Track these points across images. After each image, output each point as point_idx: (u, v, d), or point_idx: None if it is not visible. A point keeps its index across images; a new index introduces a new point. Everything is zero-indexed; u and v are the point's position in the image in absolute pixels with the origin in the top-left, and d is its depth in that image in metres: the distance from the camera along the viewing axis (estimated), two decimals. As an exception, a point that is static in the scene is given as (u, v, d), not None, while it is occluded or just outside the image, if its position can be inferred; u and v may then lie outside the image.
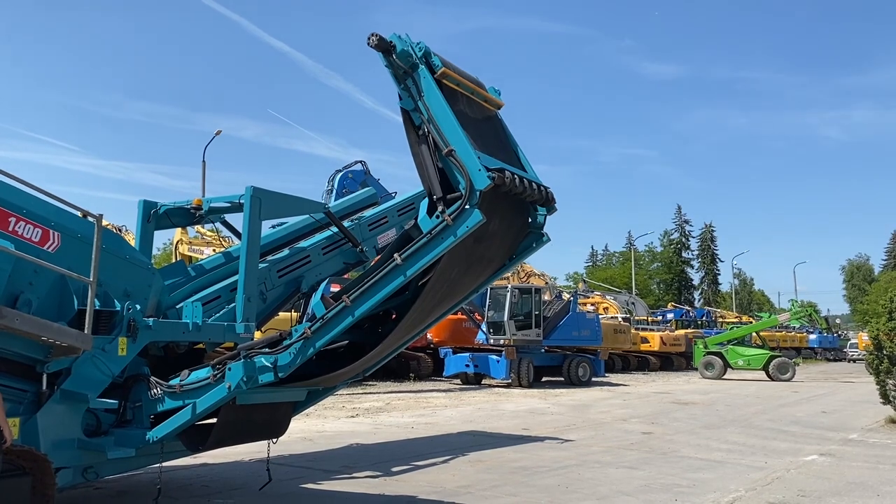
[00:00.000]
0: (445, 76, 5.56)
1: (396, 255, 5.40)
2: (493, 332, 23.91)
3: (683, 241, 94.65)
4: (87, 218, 5.27)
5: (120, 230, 20.74)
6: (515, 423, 13.34)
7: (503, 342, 23.51)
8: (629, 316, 41.37)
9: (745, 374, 30.66)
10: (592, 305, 39.56)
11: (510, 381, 23.17)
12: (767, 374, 28.95)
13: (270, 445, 6.80)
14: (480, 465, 8.64)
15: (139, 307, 5.49)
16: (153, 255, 8.75)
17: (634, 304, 48.67)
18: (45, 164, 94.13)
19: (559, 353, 25.62)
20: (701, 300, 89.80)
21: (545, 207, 6.35)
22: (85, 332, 4.85)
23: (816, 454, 9.72)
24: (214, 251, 15.05)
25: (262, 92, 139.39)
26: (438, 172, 5.48)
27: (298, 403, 6.71)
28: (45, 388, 5.01)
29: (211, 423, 5.75)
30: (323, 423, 12.76)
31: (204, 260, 7.25)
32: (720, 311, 66.78)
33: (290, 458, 8.76)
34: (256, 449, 8.01)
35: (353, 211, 8.01)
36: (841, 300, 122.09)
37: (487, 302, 24.12)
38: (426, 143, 5.49)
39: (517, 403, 17.61)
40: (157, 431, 5.51)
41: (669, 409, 16.39)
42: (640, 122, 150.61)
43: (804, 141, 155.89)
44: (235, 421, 5.84)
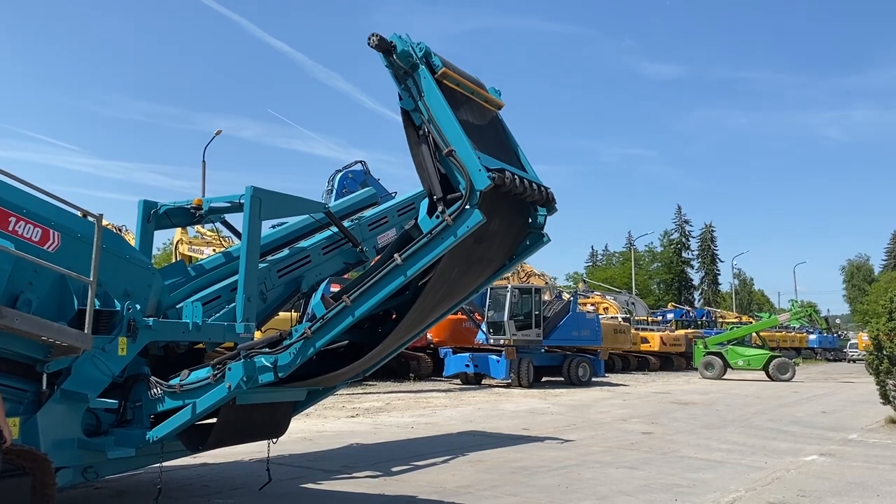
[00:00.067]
0: (446, 76, 5.56)
1: (397, 255, 5.40)
2: (493, 332, 23.90)
3: (683, 241, 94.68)
4: (87, 218, 5.28)
5: (120, 230, 20.74)
6: (515, 423, 13.34)
7: (503, 342, 23.50)
8: (629, 316, 41.38)
9: (744, 374, 30.66)
10: (592, 305, 39.57)
11: (510, 381, 23.17)
12: (767, 374, 28.95)
13: (270, 445, 6.80)
14: (480, 465, 8.64)
15: (139, 307, 5.49)
16: (153, 255, 8.75)
17: (634, 304, 48.70)
18: (45, 164, 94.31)
19: (559, 353, 25.62)
20: (701, 300, 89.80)
21: (545, 208, 6.35)
22: (85, 331, 4.85)
23: (816, 454, 9.72)
24: (214, 251, 15.05)
25: (262, 92, 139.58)
26: (439, 173, 5.49)
27: (298, 403, 6.71)
28: (45, 387, 5.02)
29: (211, 423, 5.76)
30: (323, 423, 12.76)
31: (204, 260, 7.25)
32: (720, 311, 66.77)
33: (290, 458, 8.76)
34: (256, 449, 8.01)
35: (353, 211, 8.01)
36: (841, 300, 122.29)
37: (487, 302, 24.10)
38: (426, 143, 5.49)
39: (517, 403, 17.61)
40: (157, 431, 5.51)
41: (669, 409, 16.39)
42: (640, 122, 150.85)
43: (804, 141, 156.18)
44: (235, 421, 5.84)
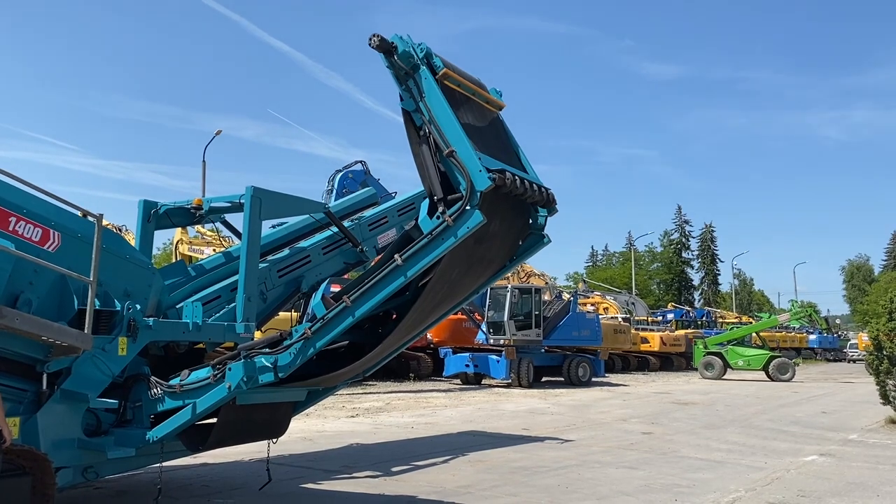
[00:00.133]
0: (447, 77, 5.56)
1: (397, 255, 5.40)
2: (493, 332, 23.90)
3: (683, 241, 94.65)
4: (87, 218, 5.28)
5: (120, 230, 20.74)
6: (515, 423, 13.34)
7: (503, 342, 23.49)
8: (629, 316, 41.36)
9: (744, 374, 30.66)
10: (592, 305, 39.57)
11: (510, 381, 23.16)
12: (767, 374, 28.96)
13: (270, 445, 6.80)
14: (480, 465, 8.64)
15: (139, 307, 5.49)
16: (153, 255, 8.75)
17: (634, 304, 48.70)
18: (45, 163, 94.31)
19: (559, 353, 25.62)
20: (701, 300, 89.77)
21: (546, 209, 6.35)
22: (85, 331, 4.85)
23: (816, 454, 9.73)
24: (214, 251, 15.06)
25: (262, 92, 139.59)
26: (439, 173, 5.48)
27: (298, 403, 6.71)
28: (45, 387, 5.02)
29: (211, 423, 5.76)
30: (323, 423, 12.76)
31: (204, 260, 7.25)
32: (720, 311, 66.76)
33: (290, 458, 8.76)
34: (256, 449, 8.01)
35: (353, 211, 8.01)
36: (841, 300, 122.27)
37: (487, 302, 24.09)
38: (427, 143, 5.49)
39: (517, 403, 17.61)
40: (157, 431, 5.51)
41: (669, 409, 16.39)
42: (640, 122, 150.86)
43: (804, 141, 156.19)
44: (235, 421, 5.84)
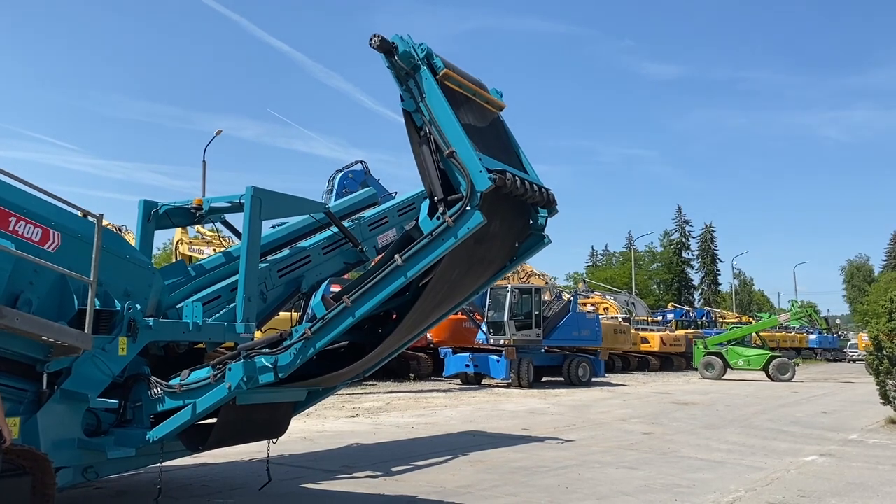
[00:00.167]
0: (447, 77, 5.56)
1: (397, 255, 5.40)
2: (493, 332, 23.90)
3: (683, 241, 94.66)
4: (87, 218, 5.28)
5: (120, 230, 20.74)
6: (515, 423, 13.34)
7: (503, 342, 23.49)
8: (629, 316, 41.36)
9: (744, 374, 30.66)
10: (592, 305, 39.57)
11: (510, 381, 23.16)
12: (767, 374, 28.95)
13: (270, 445, 6.80)
14: (480, 465, 8.64)
15: (139, 307, 5.49)
16: (153, 255, 8.75)
17: (634, 304, 48.70)
18: (45, 163, 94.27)
19: (559, 353, 25.62)
20: (701, 300, 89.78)
21: (546, 209, 6.35)
22: (85, 331, 4.84)
23: (816, 454, 9.72)
24: (214, 251, 15.05)
25: (262, 92, 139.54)
26: (440, 173, 5.48)
27: (298, 403, 6.71)
28: (45, 387, 5.02)
29: (211, 423, 5.76)
30: (323, 423, 12.76)
31: (204, 260, 7.25)
32: (720, 311, 66.76)
33: (290, 458, 8.76)
34: (256, 449, 8.01)
35: (353, 211, 8.01)
36: (841, 301, 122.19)
37: (487, 302, 24.08)
38: (428, 144, 5.50)
39: (517, 403, 17.61)
40: (157, 431, 5.51)
41: (669, 409, 16.39)
42: (640, 122, 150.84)
43: (804, 141, 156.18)
44: (235, 421, 5.84)
